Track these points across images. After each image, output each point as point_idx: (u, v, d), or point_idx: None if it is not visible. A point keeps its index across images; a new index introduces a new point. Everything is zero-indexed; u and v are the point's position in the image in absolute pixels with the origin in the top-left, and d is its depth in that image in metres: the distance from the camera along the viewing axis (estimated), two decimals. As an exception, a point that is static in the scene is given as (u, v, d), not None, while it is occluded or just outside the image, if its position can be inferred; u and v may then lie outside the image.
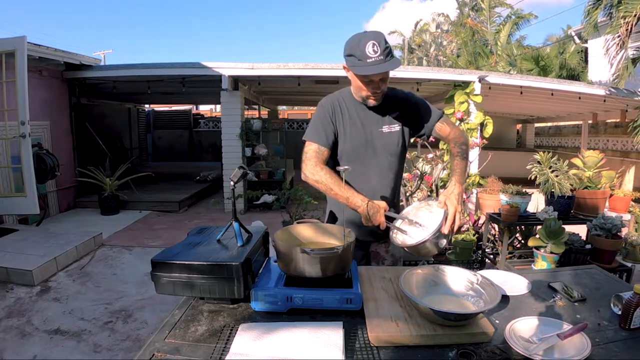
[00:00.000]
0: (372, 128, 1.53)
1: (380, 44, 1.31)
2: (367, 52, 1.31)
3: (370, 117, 1.54)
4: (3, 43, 4.14)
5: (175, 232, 4.87)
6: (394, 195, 1.62)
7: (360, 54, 1.33)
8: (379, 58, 1.32)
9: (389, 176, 1.58)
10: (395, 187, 1.62)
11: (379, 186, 1.56)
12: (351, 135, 1.53)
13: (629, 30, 5.38)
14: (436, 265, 1.25)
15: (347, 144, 1.54)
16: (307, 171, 1.46)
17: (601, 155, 2.92)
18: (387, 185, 1.58)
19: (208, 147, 12.45)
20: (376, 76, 1.39)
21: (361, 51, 1.32)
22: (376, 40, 1.32)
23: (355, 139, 1.53)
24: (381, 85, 1.43)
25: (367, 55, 1.31)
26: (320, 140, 1.49)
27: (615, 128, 8.30)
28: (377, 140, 1.54)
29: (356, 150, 1.54)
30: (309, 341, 0.96)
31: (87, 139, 6.76)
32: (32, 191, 4.26)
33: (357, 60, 1.34)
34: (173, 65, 5.78)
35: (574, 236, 2.32)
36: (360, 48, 1.32)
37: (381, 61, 1.32)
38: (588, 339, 0.93)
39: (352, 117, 1.54)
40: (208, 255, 1.16)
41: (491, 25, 14.23)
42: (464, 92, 5.70)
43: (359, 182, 1.55)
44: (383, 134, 1.54)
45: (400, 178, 1.65)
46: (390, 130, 1.54)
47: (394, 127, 1.54)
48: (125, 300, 3.01)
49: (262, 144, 6.39)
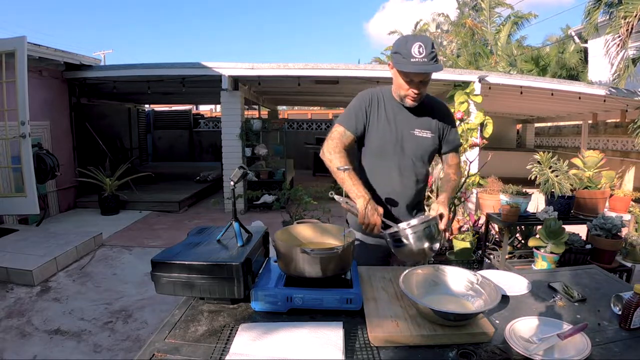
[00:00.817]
0: (403, 128, 1.56)
1: (426, 47, 1.35)
2: (412, 51, 1.35)
3: (404, 118, 1.56)
4: (3, 43, 4.14)
5: (175, 232, 4.87)
6: (415, 198, 1.63)
7: (405, 53, 1.37)
8: (422, 59, 1.35)
9: (412, 178, 1.59)
10: (417, 191, 1.63)
11: (400, 186, 1.58)
12: (383, 131, 1.56)
13: (630, 30, 5.38)
14: (436, 265, 1.25)
15: (376, 138, 1.57)
16: (325, 148, 1.51)
17: (601, 155, 2.91)
18: (408, 186, 1.59)
19: (208, 147, 12.45)
20: (417, 76, 1.42)
21: (407, 50, 1.36)
22: (423, 43, 1.36)
23: (385, 135, 1.56)
24: (420, 88, 1.46)
25: (411, 55, 1.36)
26: (349, 125, 1.54)
27: (615, 128, 8.29)
28: (407, 142, 1.56)
29: (384, 147, 1.57)
30: (309, 341, 0.96)
31: (87, 139, 6.75)
32: (32, 191, 4.26)
33: (402, 58, 1.38)
34: (173, 65, 5.78)
35: (574, 236, 2.32)
36: (407, 47, 1.36)
37: (424, 63, 1.36)
38: (588, 339, 0.93)
39: (387, 114, 1.57)
40: (208, 255, 1.16)
41: (491, 25, 14.23)
42: (464, 92, 5.70)
43: (381, 179, 1.58)
44: (414, 136, 1.56)
45: (422, 183, 1.65)
46: (422, 135, 1.57)
47: (426, 133, 1.57)
48: (125, 300, 3.01)
49: (262, 144, 6.39)
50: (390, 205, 1.58)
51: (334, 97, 9.20)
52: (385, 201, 1.58)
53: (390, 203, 1.58)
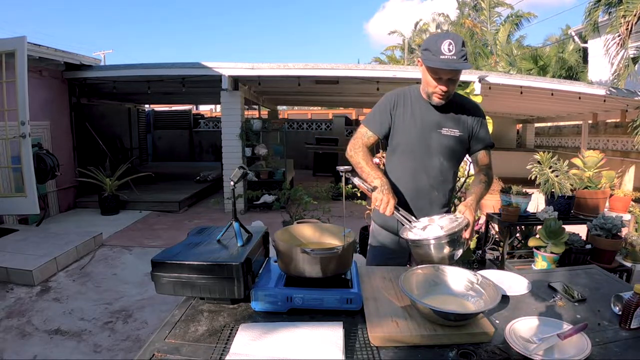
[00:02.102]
0: (431, 127, 1.55)
1: (456, 45, 1.35)
2: (442, 48, 1.35)
3: (432, 117, 1.55)
4: (3, 43, 4.14)
5: (175, 232, 4.87)
6: (442, 199, 1.61)
7: (435, 50, 1.37)
8: (451, 57, 1.35)
9: (438, 178, 1.58)
10: (444, 191, 1.61)
11: (427, 185, 1.57)
12: (409, 130, 1.56)
13: (629, 30, 5.38)
14: (436, 265, 1.25)
15: (403, 137, 1.57)
16: (349, 146, 1.61)
17: (601, 155, 2.91)
18: (435, 186, 1.58)
19: (208, 147, 12.45)
20: (445, 73, 1.41)
21: (437, 47, 1.36)
22: (454, 41, 1.35)
23: (411, 134, 1.56)
24: (449, 86, 1.45)
25: (441, 52, 1.35)
26: (372, 126, 1.60)
27: (615, 128, 8.29)
28: (434, 141, 1.55)
29: (410, 146, 1.57)
30: (309, 341, 0.96)
31: (87, 139, 6.75)
32: (32, 191, 4.26)
33: (432, 54, 1.38)
34: (173, 65, 5.78)
35: (574, 236, 2.32)
36: (437, 44, 1.36)
37: (453, 60, 1.35)
38: (588, 339, 0.93)
39: (414, 113, 1.56)
40: (208, 255, 1.16)
41: (491, 25, 14.23)
42: (464, 92, 5.69)
43: (408, 178, 1.58)
44: (442, 135, 1.54)
45: (450, 184, 1.62)
46: (449, 134, 1.55)
47: (455, 132, 1.55)
48: (125, 300, 3.01)
49: (262, 144, 6.38)
50: (416, 206, 1.57)
51: (334, 97, 9.21)
52: (411, 201, 1.57)
53: (416, 203, 1.57)
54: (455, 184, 1.67)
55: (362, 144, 1.59)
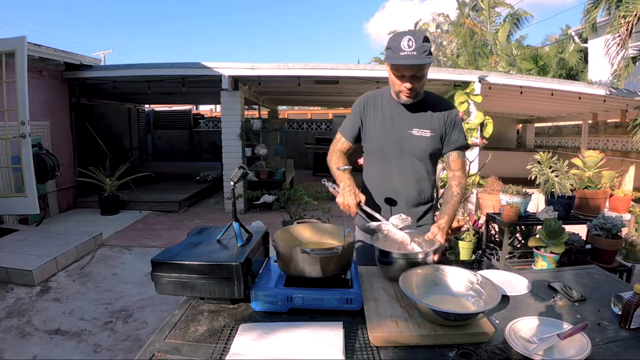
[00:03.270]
0: (402, 128, 1.54)
1: (416, 40, 1.33)
2: (401, 45, 1.34)
3: (403, 118, 1.55)
4: (3, 43, 4.14)
5: (175, 232, 4.87)
6: (417, 198, 1.60)
7: (395, 47, 1.36)
8: (411, 53, 1.34)
9: (412, 178, 1.58)
10: (419, 190, 1.60)
11: (401, 186, 1.57)
12: (380, 132, 1.56)
13: (630, 30, 5.38)
14: (436, 265, 1.25)
15: (375, 140, 1.58)
16: (329, 154, 1.67)
17: (601, 155, 2.91)
18: (409, 186, 1.58)
19: (208, 147, 12.45)
20: (406, 70, 1.40)
21: (397, 44, 1.35)
22: (413, 37, 1.34)
23: (383, 136, 1.56)
24: (413, 83, 1.43)
25: (401, 48, 1.34)
26: (344, 132, 1.65)
27: (615, 128, 8.29)
28: (405, 142, 1.54)
29: (382, 148, 1.57)
30: (309, 341, 0.96)
31: (87, 139, 6.75)
32: (32, 191, 4.26)
33: (392, 52, 1.37)
34: (173, 65, 5.78)
35: (574, 236, 2.32)
36: (397, 41, 1.35)
37: (413, 56, 1.34)
38: (588, 339, 0.93)
39: (384, 115, 1.57)
40: (208, 255, 1.16)
41: (491, 25, 14.24)
42: (464, 92, 5.70)
43: (381, 179, 1.59)
44: (413, 136, 1.54)
45: (425, 182, 1.61)
46: (420, 134, 1.54)
47: (425, 132, 1.54)
48: (125, 300, 3.01)
49: (262, 144, 6.38)
50: (391, 205, 1.58)
51: (334, 97, 9.21)
52: (386, 201, 1.58)
53: (391, 203, 1.58)
54: (434, 179, 1.67)
55: (337, 150, 1.64)
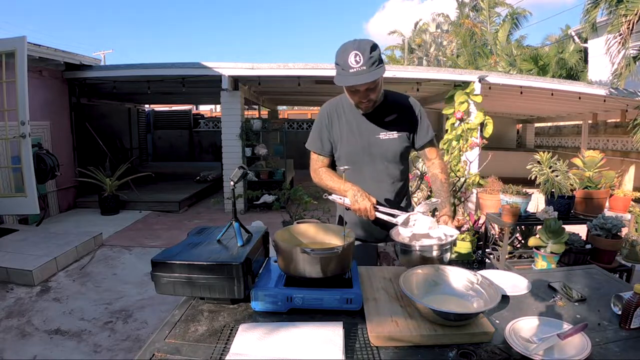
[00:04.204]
0: (369, 134, 1.53)
1: (363, 54, 1.29)
2: (349, 62, 1.30)
3: (368, 124, 1.53)
4: (3, 43, 4.14)
5: (175, 232, 4.87)
6: (396, 200, 1.61)
7: (343, 64, 1.32)
8: (361, 68, 1.30)
9: (387, 181, 1.58)
10: (397, 192, 1.60)
11: (377, 191, 1.55)
12: (348, 140, 1.55)
13: (630, 29, 5.39)
14: (436, 265, 1.25)
15: (344, 149, 1.57)
16: (312, 176, 1.64)
17: (601, 155, 2.92)
18: (385, 189, 1.58)
19: (208, 147, 12.45)
20: (360, 86, 1.36)
21: (344, 61, 1.31)
22: (359, 51, 1.29)
23: (351, 144, 1.55)
24: (370, 95, 1.41)
25: (349, 66, 1.31)
26: (317, 148, 1.61)
27: (615, 128, 8.29)
28: (374, 147, 1.53)
29: (352, 156, 1.56)
30: (309, 341, 0.95)
31: (87, 139, 6.75)
32: (32, 191, 4.26)
33: (342, 69, 1.34)
34: (173, 65, 5.78)
35: (574, 236, 2.32)
36: (344, 58, 1.31)
37: (363, 71, 1.30)
38: (588, 339, 0.93)
39: (349, 123, 1.55)
40: (208, 255, 1.16)
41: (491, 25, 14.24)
42: (464, 92, 5.70)
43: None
44: (380, 140, 1.53)
45: (401, 182, 1.62)
46: (388, 137, 1.53)
47: (392, 135, 1.53)
48: (125, 300, 3.01)
49: (262, 144, 6.38)
50: None
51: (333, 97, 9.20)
52: None
53: None
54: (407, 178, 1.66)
55: (320, 167, 1.61)
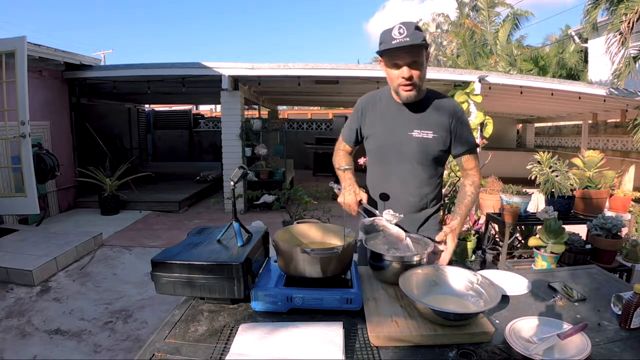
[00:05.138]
0: (402, 130, 1.46)
1: (407, 29, 1.29)
2: (393, 34, 1.31)
3: (403, 119, 1.47)
4: (3, 43, 4.14)
5: (175, 232, 4.86)
6: (418, 203, 1.52)
7: (387, 38, 1.32)
8: (404, 39, 1.29)
9: (412, 183, 1.49)
10: (421, 195, 1.51)
11: (401, 192, 1.50)
12: (379, 134, 1.51)
13: (631, 27, 5.39)
14: (436, 265, 1.25)
15: (374, 142, 1.54)
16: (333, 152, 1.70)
17: (601, 155, 2.92)
18: (409, 192, 1.50)
19: (208, 147, 12.45)
20: (401, 57, 1.34)
21: (389, 35, 1.32)
22: (404, 25, 1.30)
23: (381, 138, 1.51)
24: (412, 72, 1.35)
25: (392, 37, 1.31)
26: (344, 137, 1.66)
27: (616, 128, 8.29)
28: (405, 145, 1.46)
29: (381, 151, 1.52)
30: (309, 341, 0.95)
31: (87, 139, 6.75)
32: (32, 191, 4.26)
33: (384, 44, 1.33)
34: (173, 65, 5.78)
35: (574, 236, 2.32)
36: (389, 32, 1.32)
37: (406, 42, 1.29)
38: (588, 339, 0.93)
39: (383, 116, 1.51)
40: (208, 255, 1.16)
41: (490, 25, 14.23)
42: (464, 92, 5.70)
43: (381, 183, 1.54)
44: (412, 138, 1.44)
45: (428, 187, 1.51)
46: (421, 136, 1.44)
47: (427, 134, 1.44)
48: (125, 300, 3.01)
49: (262, 144, 6.38)
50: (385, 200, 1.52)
51: (334, 97, 9.21)
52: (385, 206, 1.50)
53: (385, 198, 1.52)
54: (439, 185, 1.57)
55: (340, 149, 1.67)
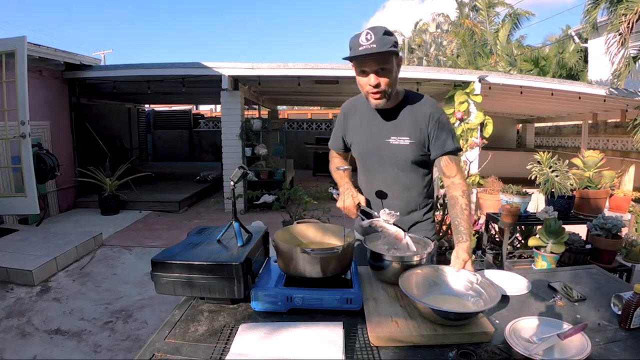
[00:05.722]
0: (379, 137, 1.46)
1: (375, 34, 1.26)
2: (360, 40, 1.28)
3: (379, 127, 1.46)
4: (3, 43, 4.14)
5: (175, 232, 4.86)
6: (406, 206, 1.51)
7: (354, 44, 1.31)
8: (370, 46, 1.26)
9: (396, 188, 1.49)
10: (408, 199, 1.51)
11: (385, 195, 1.51)
12: (360, 140, 1.53)
13: (630, 28, 5.40)
14: (436, 265, 1.25)
15: (357, 148, 1.56)
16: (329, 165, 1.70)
17: (601, 155, 2.92)
18: (395, 197, 1.50)
19: (208, 147, 12.45)
20: (367, 64, 1.32)
21: (356, 41, 1.30)
22: (372, 31, 1.28)
23: (363, 145, 1.52)
24: (380, 80, 1.33)
25: (359, 44, 1.28)
26: (333, 145, 1.67)
27: (615, 128, 8.29)
28: (385, 151, 1.46)
29: (363, 157, 1.54)
30: (309, 341, 0.96)
31: (87, 139, 6.75)
32: (32, 191, 4.26)
33: (352, 51, 1.32)
34: (173, 65, 5.78)
35: (574, 236, 2.32)
36: (356, 38, 1.31)
37: (373, 49, 1.27)
38: (588, 339, 0.93)
39: (362, 123, 1.51)
40: (208, 255, 1.16)
41: (490, 25, 14.24)
42: (464, 92, 5.70)
43: (367, 189, 1.55)
44: (390, 144, 1.44)
45: (415, 190, 1.51)
46: (397, 143, 1.43)
47: (403, 140, 1.42)
48: (125, 300, 3.01)
49: (262, 144, 6.38)
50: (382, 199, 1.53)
51: (334, 97, 9.20)
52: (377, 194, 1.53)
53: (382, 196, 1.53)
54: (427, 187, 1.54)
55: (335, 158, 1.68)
